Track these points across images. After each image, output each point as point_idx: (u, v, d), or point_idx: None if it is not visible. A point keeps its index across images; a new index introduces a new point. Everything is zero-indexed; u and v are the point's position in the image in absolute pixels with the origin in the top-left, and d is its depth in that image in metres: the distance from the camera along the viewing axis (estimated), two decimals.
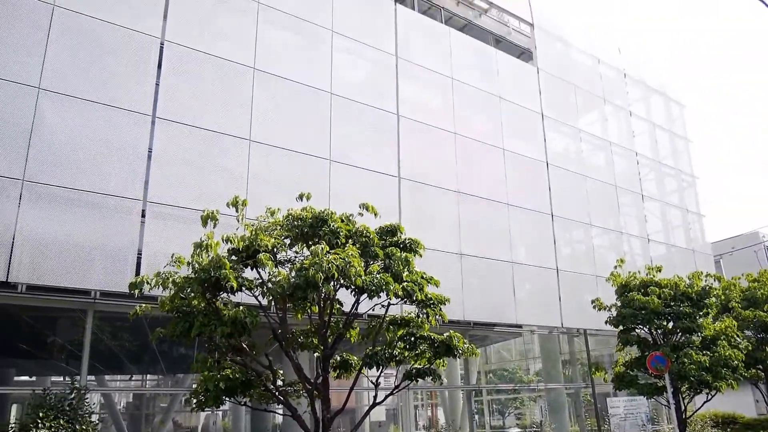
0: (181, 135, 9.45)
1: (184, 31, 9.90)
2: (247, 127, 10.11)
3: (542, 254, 14.40)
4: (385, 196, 11.59)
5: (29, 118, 8.22)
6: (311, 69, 11.35)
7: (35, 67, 8.42)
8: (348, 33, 12.09)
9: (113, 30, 9.19)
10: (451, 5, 15.52)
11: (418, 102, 13.01)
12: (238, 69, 10.32)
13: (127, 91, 9.10)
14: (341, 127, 11.37)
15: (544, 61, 16.43)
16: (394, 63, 12.74)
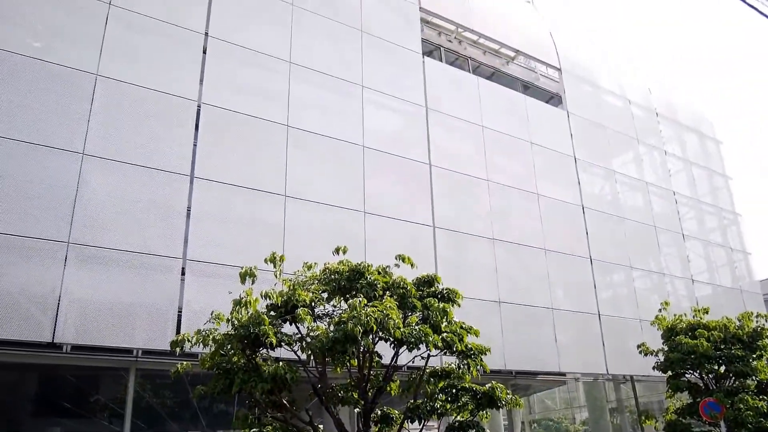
0: (218, 193, 9.69)
1: (219, 93, 10.28)
2: (282, 183, 10.32)
3: (582, 299, 14.11)
4: (421, 245, 11.61)
5: (74, 183, 8.55)
6: (343, 123, 11.61)
7: (80, 133, 8.81)
8: (378, 87, 12.40)
9: (152, 95, 9.60)
10: (477, 55, 15.79)
11: (449, 151, 13.13)
12: (271, 126, 10.63)
13: (166, 152, 9.43)
14: (375, 179, 11.52)
15: (573, 105, 16.48)
16: (424, 113, 12.96)
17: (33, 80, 8.71)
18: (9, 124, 8.33)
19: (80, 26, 9.39)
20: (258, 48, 11.04)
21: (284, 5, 11.76)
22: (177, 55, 10.13)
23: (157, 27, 10.06)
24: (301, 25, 11.80)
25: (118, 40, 9.60)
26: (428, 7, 14.45)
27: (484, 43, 15.82)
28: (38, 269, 7.98)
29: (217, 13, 10.80)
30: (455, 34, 15.26)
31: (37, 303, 7.87)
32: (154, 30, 10.02)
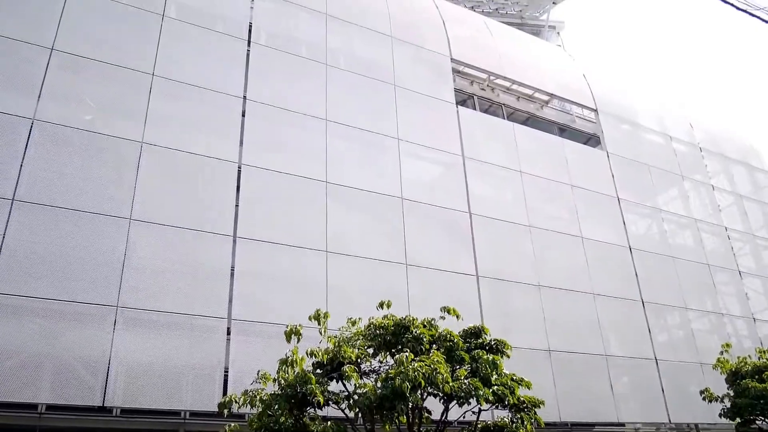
0: (261, 252, 9.87)
1: (258, 153, 10.61)
2: (323, 239, 10.46)
3: (637, 344, 13.64)
4: (465, 295, 11.50)
5: (122, 248, 8.84)
6: (381, 176, 11.79)
7: (127, 199, 9.16)
8: (414, 138, 12.59)
9: (194, 159, 9.97)
10: (511, 101, 15.93)
11: (489, 198, 13.14)
12: (311, 183, 10.86)
13: (209, 214, 9.72)
14: (415, 230, 11.56)
15: (612, 145, 16.36)
16: (461, 162, 13.04)
17: (83, 151, 9.17)
18: (61, 193, 8.73)
19: (126, 98, 9.91)
20: (294, 107, 11.41)
21: (318, 65, 12.18)
22: (217, 119, 10.56)
23: (197, 94, 10.53)
24: (335, 83, 12.16)
25: (161, 109, 10.06)
26: (459, 58, 14.73)
27: (517, 89, 15.98)
28: (89, 334, 8.19)
29: (254, 76, 11.24)
30: (487, 82, 15.47)
31: (88, 367, 8.05)
32: (194, 97, 10.48)
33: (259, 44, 11.73)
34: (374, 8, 14.18)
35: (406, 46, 13.86)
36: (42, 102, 9.17)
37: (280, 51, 11.92)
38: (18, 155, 8.69)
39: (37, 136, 8.94)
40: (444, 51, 14.52)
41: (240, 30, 11.67)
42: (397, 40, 13.73)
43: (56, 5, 10.02)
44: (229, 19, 11.78)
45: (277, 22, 12.43)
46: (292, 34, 12.44)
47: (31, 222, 8.41)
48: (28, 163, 8.72)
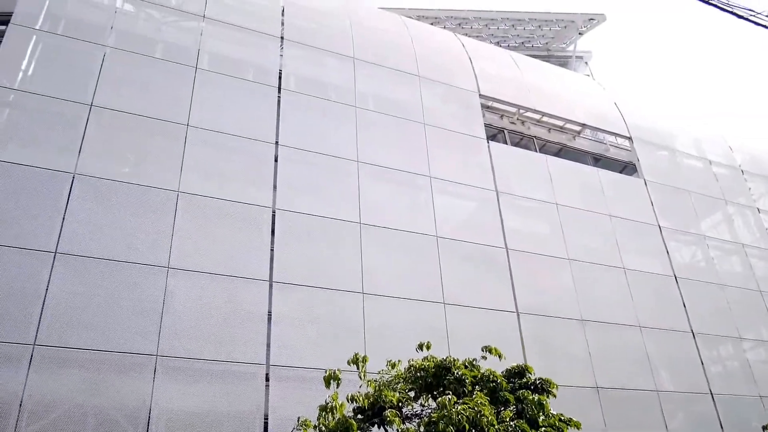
0: (298, 295, 9.90)
1: (292, 197, 10.75)
2: (359, 280, 10.45)
3: (690, 378, 13.11)
4: (505, 333, 11.28)
5: (161, 296, 8.98)
6: (415, 215, 11.79)
7: (165, 248, 9.34)
8: (446, 176, 12.60)
9: (229, 205, 10.15)
10: (542, 133, 15.88)
11: (525, 232, 12.99)
12: (345, 225, 10.92)
13: (244, 259, 9.82)
14: (451, 268, 11.47)
15: (650, 172, 16.09)
16: (494, 197, 12.97)
17: (121, 202, 9.43)
18: (100, 245, 8.96)
19: (162, 148, 10.21)
20: (326, 150, 11.58)
21: (347, 108, 12.39)
22: (250, 165, 10.78)
23: (231, 141, 10.79)
24: (366, 124, 12.33)
25: (196, 158, 10.33)
26: (487, 93, 14.81)
27: (548, 121, 15.94)
28: (129, 383, 8.26)
29: (286, 122, 11.49)
30: (517, 115, 15.49)
31: (129, 417, 8.09)
32: (228, 144, 10.74)
33: (289, 90, 12.01)
34: (400, 49, 14.43)
35: (434, 85, 14.02)
36: (82, 156, 9.51)
37: (310, 96, 12.19)
38: (60, 209, 8.98)
39: (78, 189, 9.24)
40: (472, 87, 14.62)
41: (270, 77, 11.99)
42: (424, 79, 13.91)
43: (95, 63, 10.47)
44: (259, 67, 12.13)
45: (306, 67, 12.74)
46: (321, 79, 12.73)
47: (73, 274, 8.62)
48: (70, 216, 8.99)
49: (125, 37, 11.25)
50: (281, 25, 13.05)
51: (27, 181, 9.01)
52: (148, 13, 12.04)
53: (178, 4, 12.41)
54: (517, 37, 24.96)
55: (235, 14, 12.83)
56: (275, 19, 13.14)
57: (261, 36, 12.64)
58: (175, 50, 11.57)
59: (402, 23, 15.84)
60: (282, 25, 13.06)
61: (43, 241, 8.66)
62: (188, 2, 12.47)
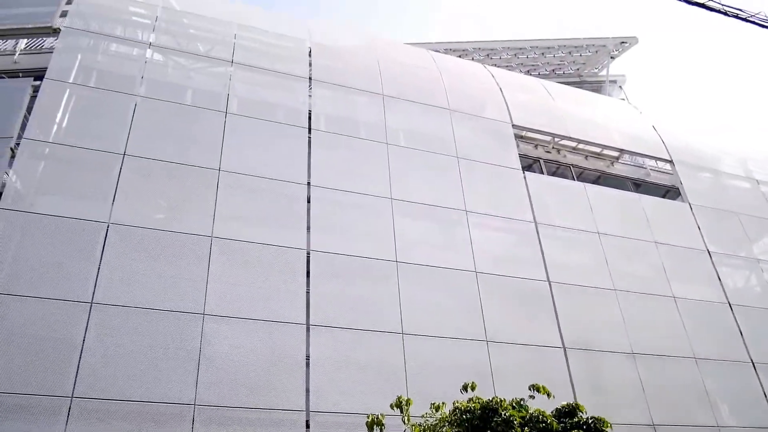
0: (336, 339, 9.85)
1: (326, 239, 10.80)
2: (398, 321, 10.36)
3: (753, 411, 12.53)
4: (553, 370, 11.01)
5: (197, 344, 9.03)
6: (452, 252, 11.72)
7: (200, 294, 9.43)
8: (482, 209, 12.53)
9: (262, 249, 10.24)
10: (579, 161, 15.75)
11: (567, 264, 12.76)
12: (381, 264, 10.90)
13: (280, 303, 9.85)
14: (493, 304, 11.30)
15: (694, 196, 15.76)
16: (533, 229, 12.82)
17: (155, 249, 9.60)
18: (135, 293, 9.10)
19: (194, 194, 10.41)
20: (358, 189, 11.66)
21: (378, 145, 12.50)
22: (283, 207, 10.90)
23: (263, 184, 10.95)
24: (397, 161, 12.41)
25: (228, 202, 10.50)
26: (520, 123, 14.80)
27: (584, 148, 15.82)
28: None
29: (317, 162, 11.63)
30: (552, 144, 15.41)
31: None
32: (260, 187, 10.91)
33: (320, 130, 12.20)
34: (429, 83, 14.59)
35: (465, 117, 14.08)
36: (116, 205, 9.75)
37: (340, 135, 12.35)
38: (96, 259, 9.17)
39: (113, 239, 9.44)
40: (504, 118, 14.64)
41: (300, 118, 12.21)
42: (455, 112, 13.99)
43: (126, 113, 10.83)
44: (288, 108, 12.37)
45: (335, 106, 12.95)
46: (351, 117, 12.91)
47: (109, 324, 8.75)
48: (105, 265, 9.18)
49: (155, 85, 11.62)
50: (309, 65, 13.35)
51: (63, 232, 9.25)
52: (176, 61, 12.45)
53: (206, 51, 12.81)
54: (547, 64, 25.03)
55: (262, 57, 13.18)
56: (303, 60, 13.45)
57: (289, 78, 12.93)
58: (205, 96, 11.90)
59: (429, 57, 16.05)
60: (309, 65, 13.36)
61: (79, 292, 8.84)
62: (216, 48, 12.87)
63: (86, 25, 12.15)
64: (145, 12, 13.48)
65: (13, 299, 8.51)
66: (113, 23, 12.78)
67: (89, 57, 11.72)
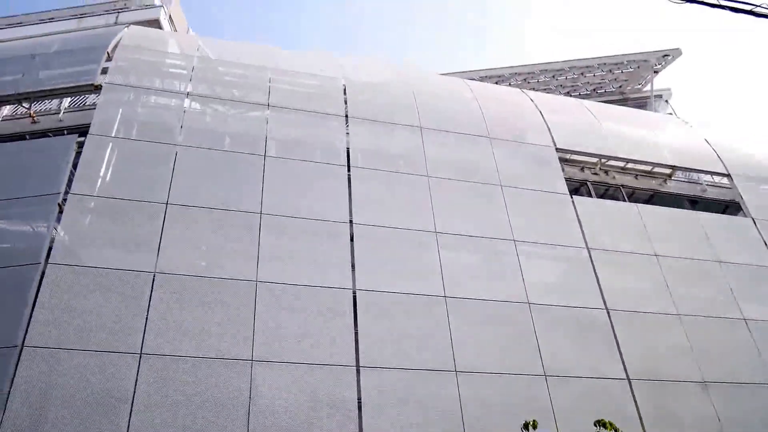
0: (387, 380, 9.73)
1: (372, 277, 10.78)
2: (450, 358, 10.20)
3: None
4: (617, 403, 10.61)
5: (246, 391, 9.05)
6: (502, 283, 11.54)
7: (246, 340, 9.50)
8: (530, 238, 12.34)
9: (308, 291, 10.28)
10: (629, 180, 15.45)
11: (625, 290, 12.39)
12: (429, 300, 10.79)
13: (328, 345, 9.82)
14: (547, 336, 11.03)
15: (757, 210, 15.20)
16: (586, 255, 12.54)
17: (200, 296, 9.73)
18: (181, 342, 9.22)
19: (238, 239, 10.57)
20: (401, 224, 11.65)
21: (419, 178, 12.51)
22: (325, 247, 10.95)
23: (304, 225, 11.06)
24: (439, 193, 12.38)
25: (271, 245, 10.62)
26: (564, 146, 14.63)
27: (634, 167, 15.52)
28: None
29: (358, 199, 11.71)
30: (599, 165, 15.18)
31: None
32: (301, 228, 11.01)
33: (358, 167, 12.30)
34: (467, 112, 14.62)
35: (506, 144, 14.01)
36: (161, 254, 9.98)
37: (380, 170, 12.43)
38: (143, 309, 9.37)
39: (159, 288, 9.64)
40: (547, 142, 14.52)
41: (338, 156, 12.35)
42: (495, 140, 13.95)
43: (167, 162, 11.17)
44: (326, 147, 12.54)
45: (373, 142, 13.06)
46: (389, 152, 12.99)
47: (159, 375, 8.86)
48: (153, 315, 9.36)
49: (194, 133, 11.97)
50: (344, 103, 13.56)
51: (111, 284, 9.49)
52: (214, 108, 12.82)
53: (242, 96, 13.16)
54: (588, 84, 24.84)
55: (297, 98, 13.47)
56: (337, 97, 13.68)
57: (325, 117, 13.15)
58: (243, 141, 12.18)
59: (465, 86, 16.12)
60: (345, 102, 13.57)
61: (128, 343, 9.01)
62: (251, 93, 13.21)
63: (126, 79, 12.67)
64: (182, 63, 14.01)
65: (65, 353, 8.73)
66: (152, 76, 13.29)
67: (130, 110, 12.18)
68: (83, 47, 13.52)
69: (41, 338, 8.79)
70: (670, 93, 24.86)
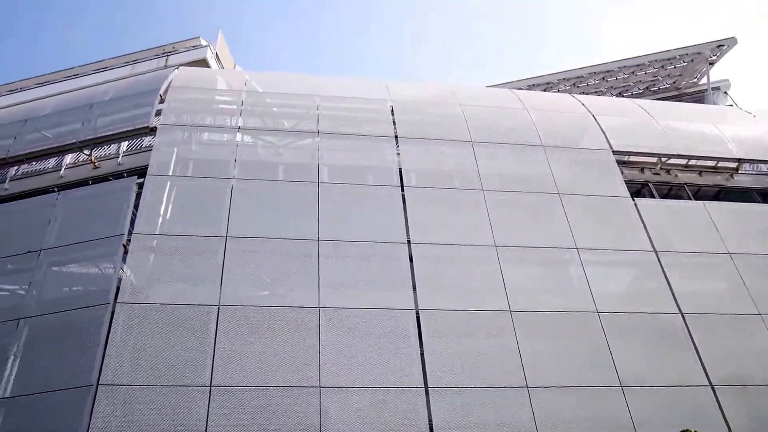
0: (457, 400, 9.62)
1: (434, 296, 10.74)
2: (520, 374, 9.99)
3: None
4: (703, 411, 10.09)
5: (316, 419, 9.10)
6: (568, 294, 11.32)
7: (312, 367, 9.58)
8: (593, 245, 12.04)
9: (371, 314, 10.31)
10: (693, 178, 14.95)
11: (700, 292, 11.91)
12: (494, 317, 10.63)
13: (396, 367, 9.81)
14: (620, 345, 10.65)
15: None
16: (654, 259, 12.13)
17: (266, 326, 9.93)
18: (249, 372, 9.38)
19: (297, 267, 10.74)
20: (459, 240, 11.59)
21: (474, 192, 12.45)
22: (385, 270, 11.00)
23: (362, 248, 11.15)
24: (496, 206, 12.27)
25: (330, 271, 10.72)
26: (621, 148, 14.31)
27: (697, 164, 15.03)
28: None
29: (414, 218, 11.72)
30: (659, 164, 14.76)
31: None
32: (360, 252, 11.10)
33: (412, 187, 12.33)
34: (518, 122, 14.50)
35: (560, 151, 13.81)
36: (224, 287, 10.22)
37: (434, 188, 12.42)
38: (210, 342, 9.58)
39: (224, 320, 9.86)
40: (602, 145, 14.23)
41: (391, 177, 12.43)
42: (549, 148, 13.76)
43: (224, 196, 11.49)
44: (378, 169, 12.65)
45: (425, 161, 13.07)
46: (442, 169, 12.97)
47: (229, 406, 9.02)
48: (219, 347, 9.56)
49: (248, 166, 12.28)
50: (393, 124, 13.66)
51: (177, 319, 9.78)
52: (265, 140, 13.13)
53: (292, 126, 13.44)
54: (640, 83, 24.33)
55: (346, 123, 13.67)
56: (386, 119, 13.80)
57: (375, 139, 13.29)
58: (296, 169, 12.42)
59: (514, 96, 16.02)
60: (393, 123, 13.67)
61: (197, 376, 9.23)
62: (301, 122, 13.48)
63: (179, 119, 13.14)
64: (231, 98, 14.43)
65: (138, 389, 9.00)
66: (203, 114, 13.75)
67: (185, 148, 12.61)
68: (137, 92, 14.11)
69: (114, 376, 9.10)
70: (729, 84, 24.06)
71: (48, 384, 9.21)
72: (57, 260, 11.04)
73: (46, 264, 10.90)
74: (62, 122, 13.67)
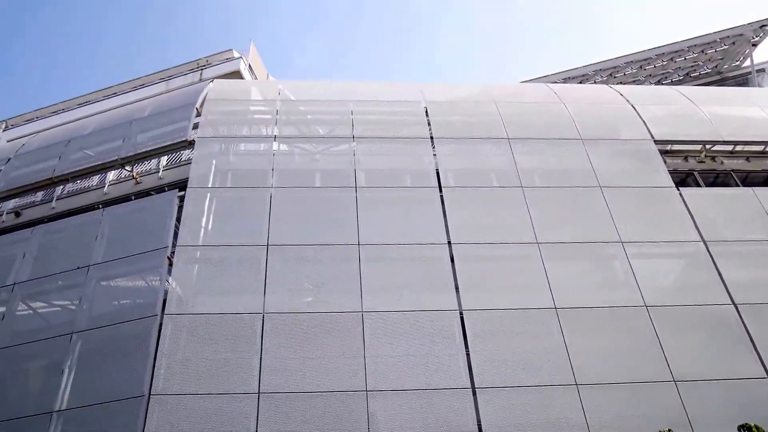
0: (505, 400, 9.55)
1: (477, 296, 10.72)
2: (568, 371, 9.87)
3: None
4: (761, 404, 9.81)
5: (364, 423, 9.16)
6: (613, 288, 11.17)
7: (358, 371, 9.67)
8: (638, 237, 11.79)
9: (415, 316, 10.36)
10: (740, 164, 14.56)
11: (752, 281, 11.50)
12: (539, 314, 10.56)
13: (442, 369, 9.82)
14: (672, 339, 10.38)
15: None
16: (703, 249, 11.84)
17: (311, 332, 10.06)
18: (294, 378, 9.51)
19: (339, 273, 10.88)
20: (501, 239, 11.55)
21: (513, 190, 12.36)
22: (427, 271, 11.02)
23: (403, 251, 11.21)
24: (536, 202, 12.16)
25: (372, 275, 10.81)
26: (662, 137, 14.02)
27: (744, 149, 14.63)
28: None
29: (453, 219, 11.72)
30: (704, 152, 14.42)
31: None
32: (400, 255, 11.17)
33: (450, 187, 12.32)
34: (555, 116, 14.35)
35: (600, 144, 13.61)
36: (268, 295, 10.38)
37: (472, 188, 12.38)
38: (257, 350, 9.75)
39: (269, 328, 10.02)
40: (643, 135, 13.97)
41: (428, 179, 12.44)
42: (589, 141, 13.57)
43: (263, 205, 11.69)
44: (415, 171, 12.68)
45: (462, 160, 13.06)
46: (479, 168, 12.94)
47: (278, 412, 9.17)
48: (266, 355, 9.73)
49: (286, 174, 12.45)
50: (428, 125, 13.68)
51: (223, 328, 9.98)
52: (301, 147, 13.30)
53: (327, 132, 13.57)
54: (679, 69, 23.82)
55: (381, 127, 13.74)
56: (420, 121, 13.82)
57: (410, 141, 13.31)
58: (333, 175, 12.54)
59: (549, 90, 15.86)
60: (428, 125, 13.69)
61: (246, 383, 9.40)
62: (336, 128, 13.61)
63: (216, 131, 13.40)
64: (266, 108, 14.65)
65: (188, 398, 9.20)
66: (239, 125, 14.00)
67: (223, 160, 12.86)
68: (174, 107, 14.45)
69: (165, 386, 9.33)
70: None
71: (101, 395, 9.50)
72: (105, 275, 11.37)
73: (95, 279, 11.24)
74: (104, 140, 14.08)
